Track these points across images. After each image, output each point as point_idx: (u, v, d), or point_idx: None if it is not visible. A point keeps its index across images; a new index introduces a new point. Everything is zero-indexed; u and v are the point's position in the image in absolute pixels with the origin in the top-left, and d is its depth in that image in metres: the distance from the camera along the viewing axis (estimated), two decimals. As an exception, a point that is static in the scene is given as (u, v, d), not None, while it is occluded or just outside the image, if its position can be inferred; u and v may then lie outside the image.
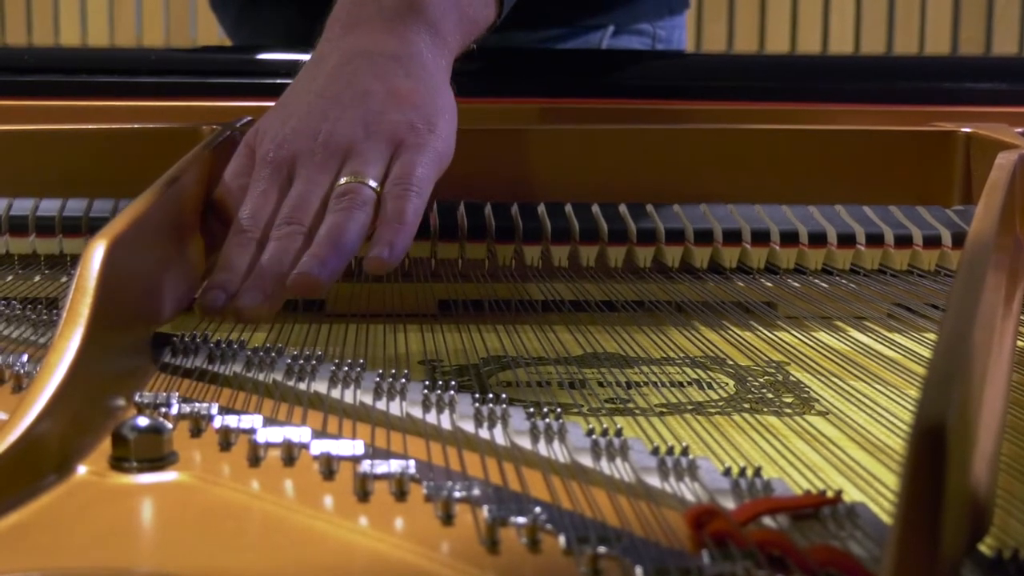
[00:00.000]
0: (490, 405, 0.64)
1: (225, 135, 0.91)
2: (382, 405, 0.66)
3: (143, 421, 0.58)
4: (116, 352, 0.69)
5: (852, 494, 0.57)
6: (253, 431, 0.61)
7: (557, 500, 0.55)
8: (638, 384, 0.76)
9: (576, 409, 0.71)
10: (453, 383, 0.66)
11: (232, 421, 0.62)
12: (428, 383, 0.67)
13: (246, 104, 1.07)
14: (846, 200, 0.99)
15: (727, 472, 0.57)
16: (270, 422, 0.63)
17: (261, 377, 0.70)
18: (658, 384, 0.76)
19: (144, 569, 0.51)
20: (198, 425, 0.63)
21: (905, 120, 1.10)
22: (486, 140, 1.01)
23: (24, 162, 1.01)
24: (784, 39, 3.90)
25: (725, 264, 0.94)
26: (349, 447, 0.59)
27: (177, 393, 0.67)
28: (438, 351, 0.82)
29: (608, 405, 0.72)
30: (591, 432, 0.60)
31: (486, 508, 0.52)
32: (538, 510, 0.52)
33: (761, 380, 0.77)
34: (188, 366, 0.72)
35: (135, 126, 1.03)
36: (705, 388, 0.75)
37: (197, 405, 0.64)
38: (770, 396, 0.74)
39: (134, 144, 1.01)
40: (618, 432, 0.60)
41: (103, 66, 1.17)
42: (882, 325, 0.87)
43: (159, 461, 0.58)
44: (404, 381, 0.67)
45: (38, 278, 0.92)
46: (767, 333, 0.85)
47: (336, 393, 0.68)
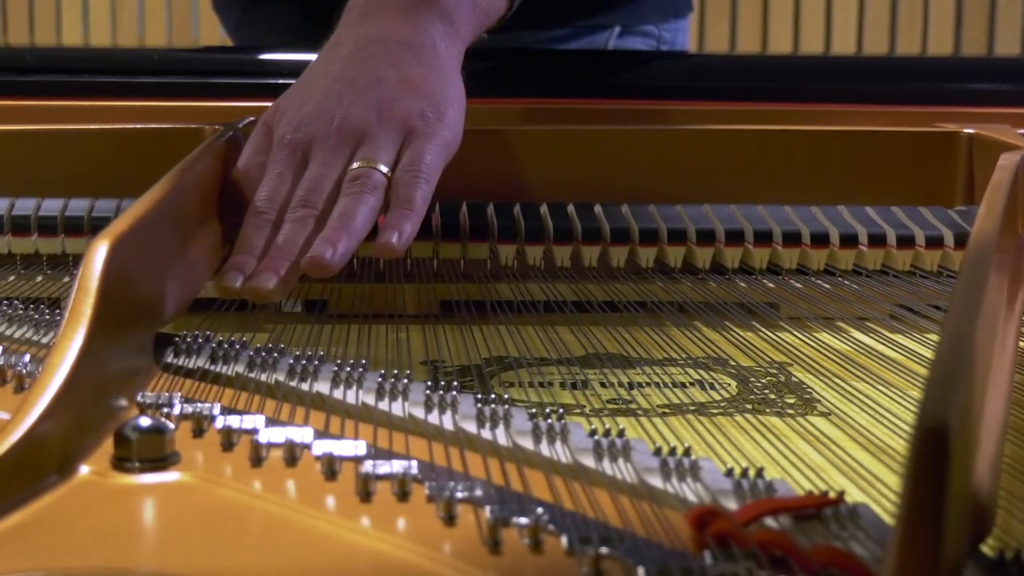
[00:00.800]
0: (492, 405, 0.64)
1: (227, 135, 0.91)
2: (384, 405, 0.66)
3: (145, 421, 0.58)
4: (118, 352, 0.69)
5: (854, 495, 0.57)
6: (255, 431, 0.61)
7: (559, 501, 0.55)
8: (640, 384, 0.76)
9: (578, 409, 0.71)
10: (455, 383, 0.67)
11: (234, 421, 0.62)
12: (430, 383, 0.67)
13: (248, 104, 1.07)
14: (848, 201, 0.99)
15: (729, 473, 0.57)
16: (272, 422, 0.63)
17: (263, 377, 0.70)
18: (660, 385, 0.76)
19: (146, 569, 0.51)
20: (200, 425, 0.64)
21: (907, 121, 1.10)
22: (488, 140, 1.01)
23: (26, 162, 1.01)
24: (787, 40, 3.90)
25: (727, 264, 0.94)
26: (351, 447, 0.59)
27: (179, 393, 0.67)
28: (440, 351, 0.82)
29: (610, 405, 0.72)
30: (593, 432, 0.60)
31: (488, 509, 0.52)
32: (540, 511, 0.52)
33: (763, 381, 0.77)
34: (190, 366, 0.72)
35: (137, 126, 1.03)
36: (707, 389, 0.75)
37: (199, 405, 0.65)
38: (772, 397, 0.74)
39: (136, 144, 1.01)
40: (620, 432, 0.60)
41: (105, 66, 1.17)
42: (884, 326, 0.87)
43: (161, 461, 0.58)
44: (406, 381, 0.67)
45: (40, 278, 0.92)
46: (769, 334, 0.85)
47: (338, 393, 0.68)
